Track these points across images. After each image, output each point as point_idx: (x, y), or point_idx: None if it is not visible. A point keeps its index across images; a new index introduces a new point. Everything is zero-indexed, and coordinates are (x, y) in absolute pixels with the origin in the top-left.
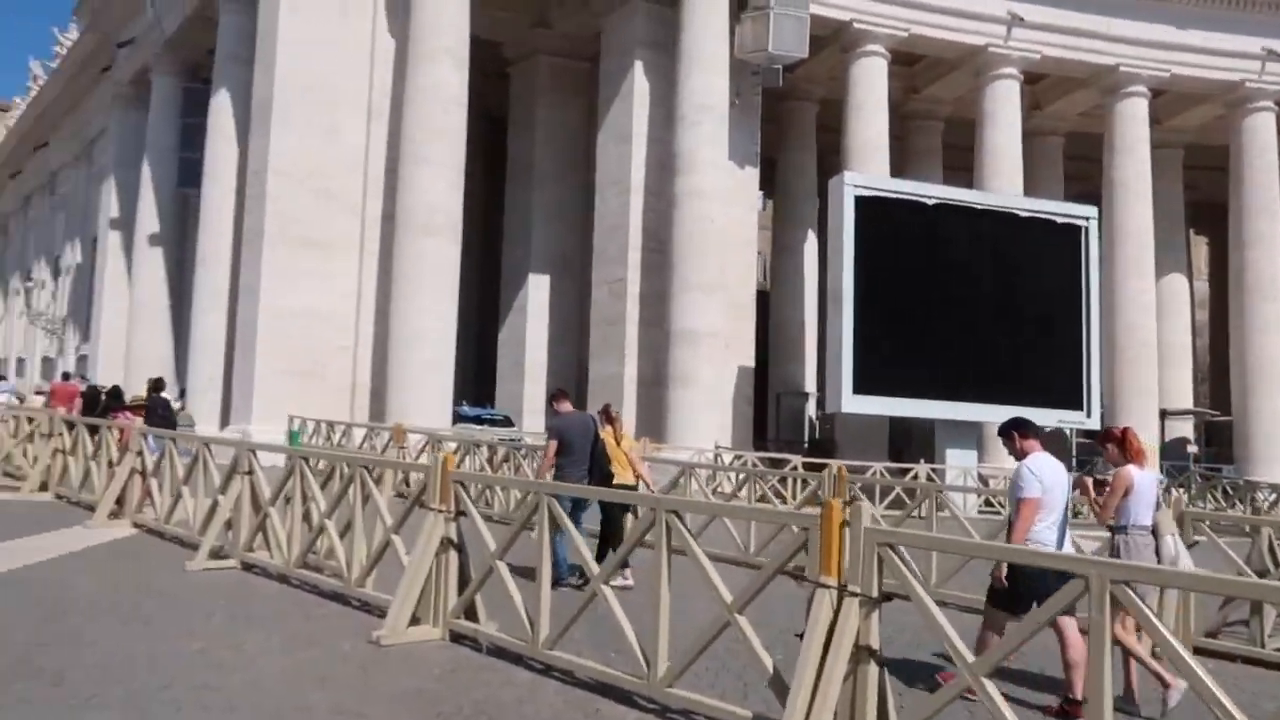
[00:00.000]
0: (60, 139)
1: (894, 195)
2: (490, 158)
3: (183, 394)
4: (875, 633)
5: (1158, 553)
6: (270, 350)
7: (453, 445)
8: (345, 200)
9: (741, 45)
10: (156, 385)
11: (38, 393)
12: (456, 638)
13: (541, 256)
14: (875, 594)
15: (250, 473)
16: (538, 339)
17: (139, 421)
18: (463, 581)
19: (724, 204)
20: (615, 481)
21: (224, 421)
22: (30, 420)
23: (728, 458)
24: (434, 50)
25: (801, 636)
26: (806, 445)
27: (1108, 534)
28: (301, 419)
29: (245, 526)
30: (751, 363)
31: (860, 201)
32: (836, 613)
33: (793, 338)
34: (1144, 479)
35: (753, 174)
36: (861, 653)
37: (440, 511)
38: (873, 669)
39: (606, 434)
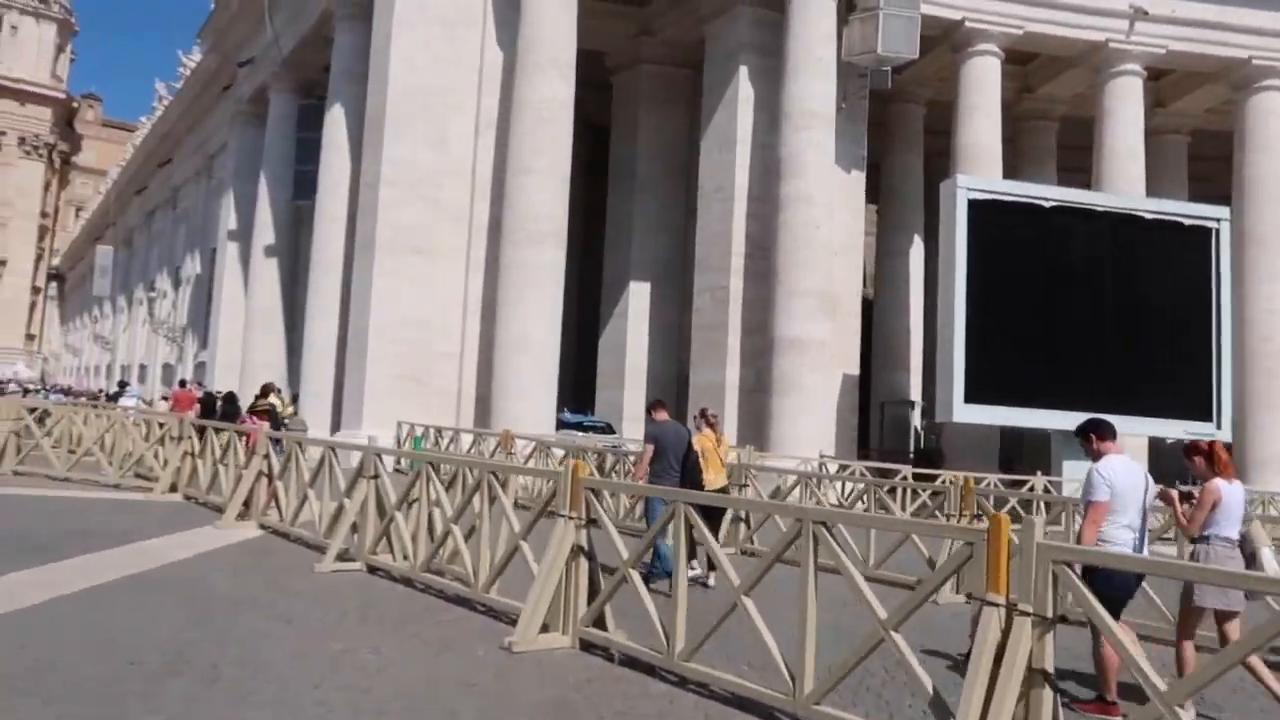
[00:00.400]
0: (182, 156)
1: (1009, 198)
2: (591, 165)
3: (295, 400)
4: (1050, 655)
5: (1255, 565)
6: (380, 357)
7: (560, 452)
8: (452, 209)
9: (849, 48)
10: (265, 391)
11: (162, 399)
12: (586, 646)
13: (642, 263)
14: (1049, 614)
15: (376, 477)
16: (638, 345)
17: (265, 426)
18: (592, 590)
19: (829, 209)
20: (707, 486)
21: (334, 427)
22: (161, 424)
23: (832, 467)
24: (542, 62)
25: (966, 657)
26: (912, 455)
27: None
28: (410, 424)
29: (371, 530)
30: (856, 371)
31: (974, 205)
32: (1006, 633)
33: (897, 345)
34: (1232, 492)
35: (859, 178)
36: (1035, 676)
37: (571, 519)
38: (1047, 694)
39: (704, 437)
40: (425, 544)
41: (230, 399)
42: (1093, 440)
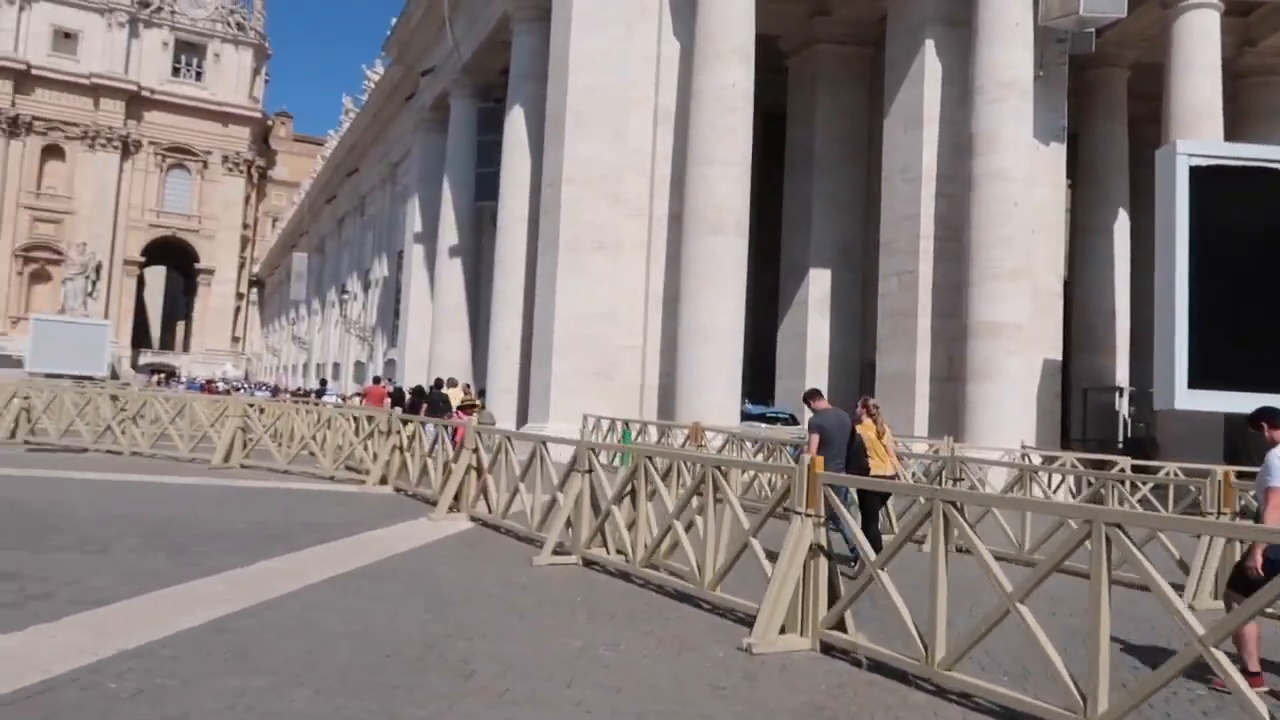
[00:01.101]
0: (368, 165)
1: (1237, 162)
2: (764, 151)
3: (482, 394)
4: None
5: None
6: (565, 352)
7: (751, 444)
8: (633, 203)
9: (1047, 10)
10: (439, 383)
11: (355, 395)
12: (827, 649)
13: (822, 248)
14: None
15: (590, 471)
16: (819, 333)
17: (473, 420)
18: (832, 590)
19: (1027, 185)
20: (873, 473)
21: (520, 420)
22: (370, 420)
23: (1036, 458)
24: (721, 51)
25: None
26: (1121, 445)
27: None
28: (596, 418)
29: (585, 524)
30: (1058, 355)
31: (1195, 172)
32: None
33: (1099, 327)
34: None
35: (1058, 151)
36: None
37: (809, 516)
38: None
39: (866, 427)
40: (644, 539)
41: (419, 392)
42: (1264, 429)
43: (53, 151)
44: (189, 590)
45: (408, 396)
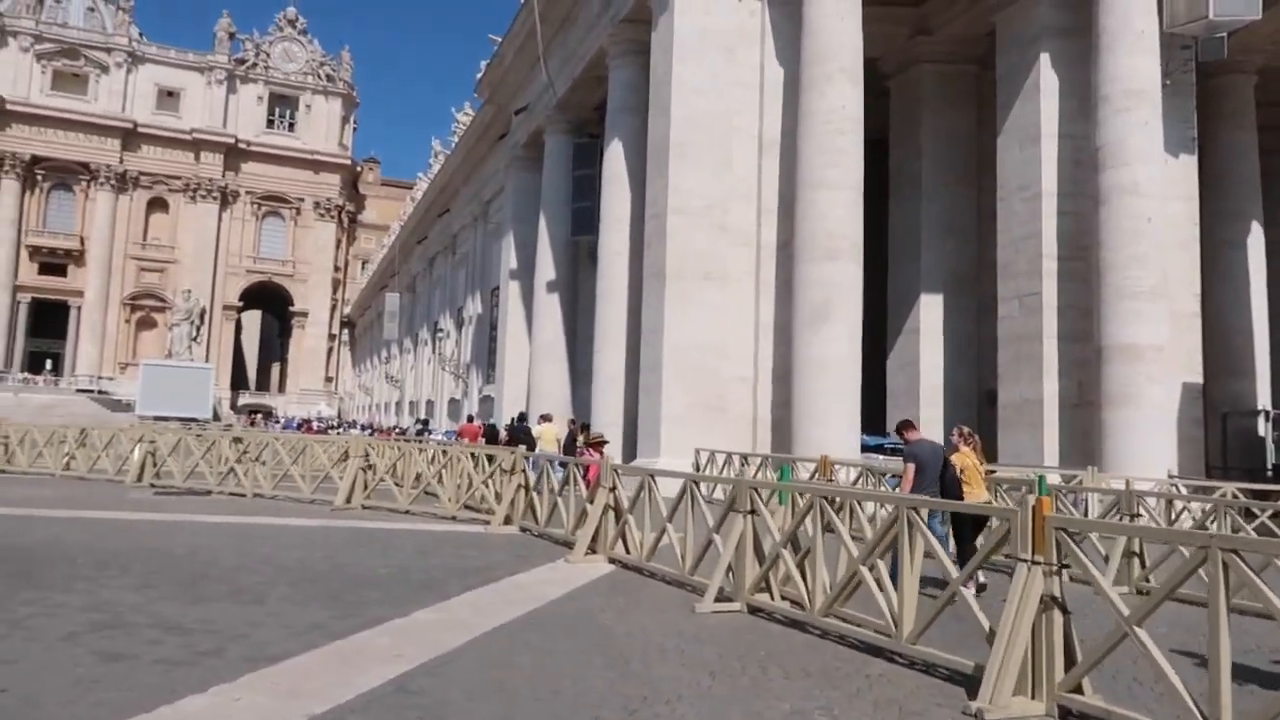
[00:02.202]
0: (459, 204)
1: None
2: (866, 177)
3: (586, 429)
4: None
5: None
6: (675, 384)
7: (883, 478)
8: (739, 232)
9: (1173, 17)
10: (522, 417)
11: (447, 433)
12: (1065, 714)
13: (932, 273)
14: None
15: (753, 512)
16: (932, 361)
17: (609, 459)
18: (1067, 647)
19: (1161, 200)
20: (968, 500)
21: (627, 455)
22: (490, 459)
23: (1182, 488)
24: (830, 73)
25: None
26: (1269, 472)
27: None
28: (710, 452)
29: (749, 568)
30: (1198, 378)
31: None
32: None
33: (1237, 348)
34: None
35: (1189, 163)
36: None
37: (1037, 564)
38: None
39: (963, 454)
40: (821, 585)
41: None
42: None
43: (157, 204)
44: (356, 645)
45: (502, 434)
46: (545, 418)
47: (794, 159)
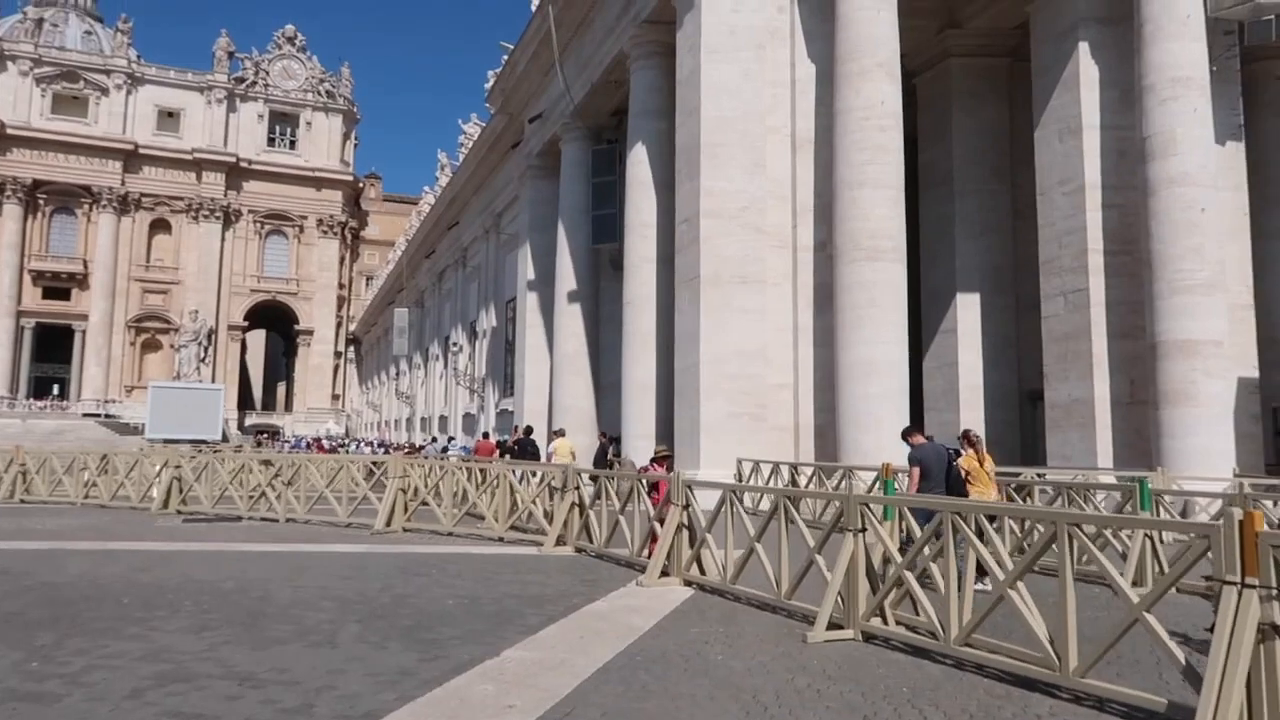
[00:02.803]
0: (469, 216)
1: None
2: None
3: (616, 441)
4: None
5: None
6: (713, 393)
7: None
8: (774, 234)
9: (1217, 1)
10: (529, 430)
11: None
12: None
13: (968, 272)
14: None
15: (862, 531)
16: (970, 363)
17: (677, 473)
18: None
19: (1210, 189)
20: (973, 498)
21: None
22: (540, 477)
23: (1248, 487)
24: (866, 67)
25: None
26: None
27: None
28: (755, 462)
29: (862, 593)
30: (1255, 373)
31: None
32: None
33: None
34: None
35: (1236, 151)
36: None
37: (1251, 588)
38: None
39: (969, 457)
40: (955, 611)
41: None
42: None
43: (159, 225)
44: (458, 695)
45: (512, 445)
46: (558, 433)
47: (829, 158)
